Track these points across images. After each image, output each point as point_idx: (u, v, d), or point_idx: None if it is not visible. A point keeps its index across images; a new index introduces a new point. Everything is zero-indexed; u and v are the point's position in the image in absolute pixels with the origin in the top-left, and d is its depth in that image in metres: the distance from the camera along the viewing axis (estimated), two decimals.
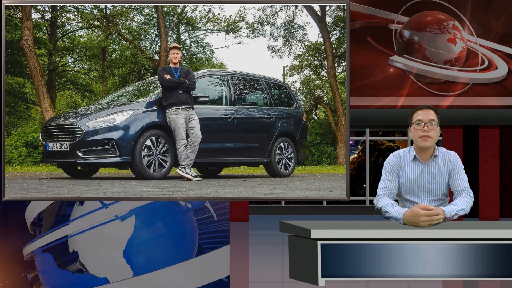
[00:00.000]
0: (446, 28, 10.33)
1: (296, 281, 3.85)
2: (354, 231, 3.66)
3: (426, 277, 3.63)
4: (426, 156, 4.19)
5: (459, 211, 4.06)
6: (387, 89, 10.27)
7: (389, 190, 4.19)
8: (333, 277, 3.64)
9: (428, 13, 10.33)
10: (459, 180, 4.19)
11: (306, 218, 6.85)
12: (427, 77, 10.30)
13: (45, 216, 4.66)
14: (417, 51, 10.31)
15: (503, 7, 10.38)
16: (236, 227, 11.21)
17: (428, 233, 3.67)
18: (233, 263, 4.85)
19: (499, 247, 3.61)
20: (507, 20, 10.38)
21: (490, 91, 10.37)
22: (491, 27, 10.39)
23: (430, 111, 4.16)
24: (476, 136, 12.19)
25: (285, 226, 3.91)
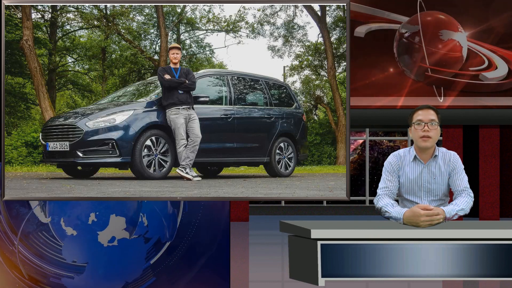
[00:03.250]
0: (446, 28, 10.32)
1: (296, 281, 3.85)
2: (354, 231, 3.66)
3: (426, 277, 3.63)
4: (426, 156, 4.19)
5: (459, 211, 4.06)
6: (387, 89, 10.27)
7: (389, 190, 4.19)
8: (333, 277, 3.64)
9: (428, 13, 10.33)
10: (459, 180, 4.19)
11: (306, 218, 6.85)
12: (427, 77, 10.30)
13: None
14: (417, 51, 10.31)
15: (503, 7, 10.38)
16: (236, 227, 11.21)
17: (428, 233, 3.67)
18: (233, 263, 4.85)
19: (499, 247, 3.61)
20: (507, 20, 10.38)
21: (490, 91, 10.37)
22: (492, 27, 10.39)
23: (430, 111, 4.16)
24: (476, 136, 12.20)
25: (285, 226, 3.91)
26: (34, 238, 4.71)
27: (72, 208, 4.71)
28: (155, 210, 4.75)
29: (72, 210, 4.72)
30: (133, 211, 4.73)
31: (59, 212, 4.71)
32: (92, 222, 4.71)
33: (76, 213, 4.71)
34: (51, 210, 4.70)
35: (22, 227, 4.70)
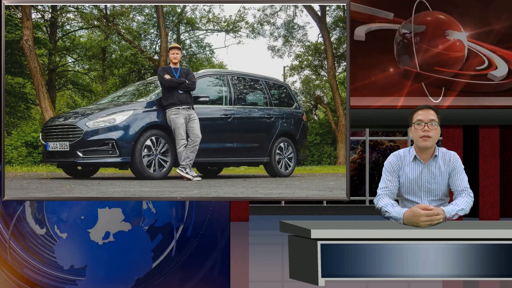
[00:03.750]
0: (446, 28, 10.32)
1: (296, 281, 3.85)
2: (354, 231, 3.66)
3: (426, 277, 3.63)
4: (426, 156, 4.19)
5: (459, 211, 4.06)
6: (387, 89, 10.27)
7: (389, 190, 4.19)
8: (333, 277, 3.63)
9: (428, 13, 10.33)
10: (459, 180, 4.19)
11: (306, 218, 6.85)
12: (427, 77, 10.30)
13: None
14: (417, 51, 10.30)
15: (503, 7, 10.38)
16: (236, 227, 11.21)
17: (428, 233, 3.67)
18: (233, 263, 4.85)
19: (499, 247, 3.61)
20: (507, 20, 10.38)
21: (490, 91, 10.37)
22: (492, 27, 10.39)
23: (430, 111, 4.16)
24: (476, 136, 12.19)
25: (285, 226, 3.91)
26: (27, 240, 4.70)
27: (61, 210, 4.68)
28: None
29: (61, 213, 4.68)
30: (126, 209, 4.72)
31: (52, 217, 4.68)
32: (80, 221, 4.68)
33: (65, 215, 4.68)
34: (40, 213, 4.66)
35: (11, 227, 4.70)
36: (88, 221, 4.68)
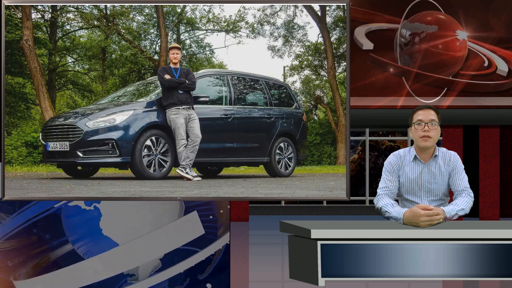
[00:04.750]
0: (446, 28, 10.33)
1: (296, 281, 3.85)
2: (354, 231, 3.65)
3: (426, 277, 3.63)
4: (426, 156, 4.19)
5: (459, 211, 4.05)
6: (387, 89, 10.27)
7: (389, 190, 4.18)
8: (333, 277, 3.63)
9: (428, 13, 10.33)
10: (459, 180, 4.19)
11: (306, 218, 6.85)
12: (427, 77, 10.30)
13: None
14: (417, 51, 10.30)
15: (503, 7, 10.38)
16: (236, 227, 11.21)
17: (428, 233, 3.67)
18: (233, 263, 4.85)
19: (499, 247, 3.61)
20: (507, 20, 10.38)
21: (490, 91, 10.37)
22: (492, 27, 10.39)
23: (430, 111, 4.16)
24: (476, 136, 12.20)
25: (285, 226, 3.91)
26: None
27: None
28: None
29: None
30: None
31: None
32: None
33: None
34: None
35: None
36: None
